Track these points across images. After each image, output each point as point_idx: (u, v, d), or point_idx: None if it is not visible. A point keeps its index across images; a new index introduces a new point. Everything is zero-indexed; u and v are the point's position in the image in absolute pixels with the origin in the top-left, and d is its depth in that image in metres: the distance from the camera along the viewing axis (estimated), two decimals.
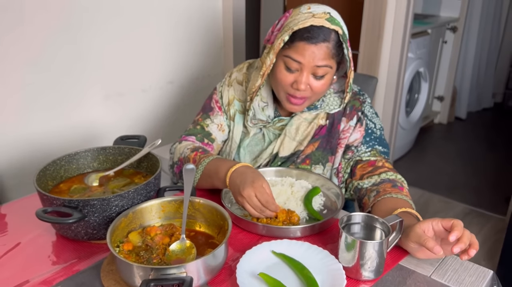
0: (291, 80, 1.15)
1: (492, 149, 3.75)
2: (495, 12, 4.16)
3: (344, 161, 1.25)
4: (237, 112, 1.32)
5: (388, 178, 1.16)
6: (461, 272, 0.94)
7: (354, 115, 1.25)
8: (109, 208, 0.96)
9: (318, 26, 1.09)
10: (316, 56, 1.10)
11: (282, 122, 1.28)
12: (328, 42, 1.10)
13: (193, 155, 1.21)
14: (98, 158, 1.20)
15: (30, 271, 0.94)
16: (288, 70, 1.14)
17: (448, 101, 4.14)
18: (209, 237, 1.01)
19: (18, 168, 1.59)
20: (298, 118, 1.26)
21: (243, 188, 1.03)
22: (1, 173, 1.27)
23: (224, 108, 1.33)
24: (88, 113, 1.79)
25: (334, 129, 1.26)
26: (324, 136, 1.26)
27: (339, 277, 0.89)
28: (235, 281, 0.88)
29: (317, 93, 1.17)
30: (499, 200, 2.90)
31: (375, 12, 2.48)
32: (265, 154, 1.29)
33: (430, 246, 0.85)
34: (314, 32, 1.09)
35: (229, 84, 1.35)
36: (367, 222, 0.97)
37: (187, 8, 2.04)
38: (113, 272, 0.92)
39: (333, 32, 1.11)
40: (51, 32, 1.61)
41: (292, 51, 1.12)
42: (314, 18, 1.10)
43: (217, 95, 1.35)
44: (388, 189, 1.11)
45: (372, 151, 1.23)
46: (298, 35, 1.10)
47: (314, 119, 1.26)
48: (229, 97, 1.33)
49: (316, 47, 1.10)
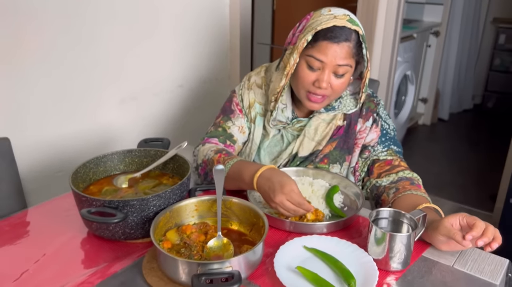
0: (313, 79, 1.20)
1: (474, 148, 3.90)
2: (474, 17, 4.34)
3: (361, 160, 1.32)
4: (257, 114, 1.37)
5: (406, 176, 1.23)
6: (480, 262, 1.01)
7: (370, 116, 1.32)
8: (147, 208, 1.00)
9: (340, 27, 1.15)
10: (338, 55, 1.16)
11: (301, 123, 1.33)
12: (349, 41, 1.16)
13: (217, 157, 1.25)
14: (124, 160, 1.23)
15: (69, 273, 0.95)
16: (310, 69, 1.20)
17: (431, 103, 4.28)
18: (241, 234, 1.06)
19: (38, 171, 1.60)
20: (317, 119, 1.32)
21: (274, 196, 1.07)
22: (22, 177, 1.29)
23: (245, 111, 1.38)
24: (104, 117, 1.83)
25: (351, 129, 1.32)
26: (342, 136, 1.32)
27: (371, 268, 0.94)
28: (273, 275, 0.93)
29: (336, 91, 1.22)
30: (485, 197, 3.03)
31: (367, 17, 2.57)
32: (285, 155, 1.34)
33: (460, 239, 0.92)
34: (336, 32, 1.15)
35: (249, 88, 1.39)
36: (394, 217, 1.03)
37: (196, 15, 2.11)
38: (155, 269, 0.95)
39: (353, 32, 1.17)
40: (70, 39, 1.66)
41: (315, 51, 1.17)
42: (336, 19, 1.16)
43: (237, 98, 1.39)
44: (407, 186, 1.18)
45: (388, 151, 1.29)
46: (321, 35, 1.16)
47: (332, 120, 1.32)
48: (250, 100, 1.38)
49: (339, 46, 1.16)
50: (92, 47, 1.74)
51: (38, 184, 1.60)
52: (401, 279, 0.95)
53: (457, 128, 4.38)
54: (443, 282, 0.95)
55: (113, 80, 1.84)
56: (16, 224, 1.13)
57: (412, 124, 4.19)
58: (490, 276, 0.96)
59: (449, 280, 0.95)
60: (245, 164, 1.20)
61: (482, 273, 0.97)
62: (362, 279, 0.92)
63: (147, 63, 1.96)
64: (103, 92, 1.82)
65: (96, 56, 1.76)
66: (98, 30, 1.74)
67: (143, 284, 0.93)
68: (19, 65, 1.54)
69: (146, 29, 1.92)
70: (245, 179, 1.16)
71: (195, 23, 2.12)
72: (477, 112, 4.80)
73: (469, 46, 4.43)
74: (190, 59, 2.14)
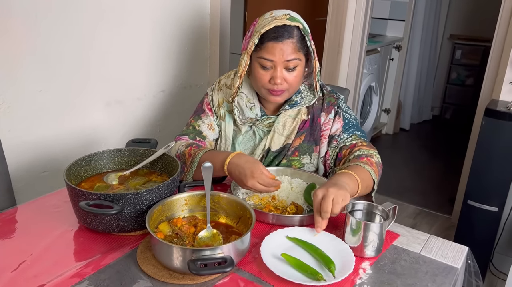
0: (268, 77, 1.32)
1: (433, 156, 4.13)
2: (432, 34, 4.61)
3: (330, 149, 1.43)
4: (226, 112, 1.48)
5: (360, 154, 1.34)
6: (444, 249, 1.13)
7: (332, 109, 1.44)
8: (141, 202, 1.06)
9: (281, 26, 1.28)
10: (284, 52, 1.28)
11: (270, 119, 1.45)
12: (292, 38, 1.29)
13: (188, 150, 1.35)
14: (114, 159, 1.28)
15: (65, 263, 1.00)
16: (264, 68, 1.32)
17: (394, 113, 4.50)
18: (228, 226, 1.13)
19: (24, 170, 1.62)
20: (283, 115, 1.43)
21: (246, 180, 1.19)
22: (10, 176, 1.31)
23: (214, 109, 1.50)
24: (90, 119, 1.89)
25: (315, 122, 1.45)
26: (308, 129, 1.44)
27: (349, 255, 1.04)
28: (260, 263, 1.01)
29: (292, 84, 1.34)
30: (444, 201, 3.22)
31: (335, 30, 2.72)
32: (258, 150, 1.45)
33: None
34: (278, 31, 1.27)
35: (219, 89, 1.51)
36: (368, 209, 1.14)
37: (178, 24, 2.22)
38: (149, 258, 1.01)
39: (295, 28, 1.29)
40: (59, 44, 1.73)
41: (264, 52, 1.30)
42: (277, 20, 1.28)
43: (208, 98, 1.52)
44: (354, 160, 1.30)
45: (352, 136, 1.42)
46: (266, 37, 1.28)
47: (297, 115, 1.44)
48: (219, 100, 1.49)
49: (283, 44, 1.28)
50: (79, 52, 1.81)
51: (24, 183, 1.62)
52: (374, 265, 1.05)
53: (418, 137, 4.61)
54: (412, 266, 1.05)
55: (99, 84, 1.91)
56: (8, 219, 1.16)
57: (376, 133, 4.38)
58: (452, 261, 1.08)
59: (417, 264, 1.06)
60: (214, 153, 1.31)
61: (445, 259, 1.09)
62: (340, 264, 1.02)
63: (132, 69, 2.06)
64: (89, 95, 1.89)
65: (83, 61, 1.83)
66: (86, 37, 1.82)
67: (138, 272, 0.98)
68: (8, 67, 1.59)
69: (131, 37, 2.02)
70: (216, 167, 1.25)
71: (177, 32, 2.22)
72: (436, 122, 5.07)
73: (428, 60, 4.69)
74: (172, 66, 2.25)
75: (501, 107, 2.13)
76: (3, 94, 1.58)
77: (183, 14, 2.22)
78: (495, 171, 2.15)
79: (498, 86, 2.32)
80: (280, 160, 1.44)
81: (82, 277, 0.96)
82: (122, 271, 0.99)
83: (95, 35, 1.84)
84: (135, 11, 1.98)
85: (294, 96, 1.42)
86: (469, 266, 1.14)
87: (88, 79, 1.86)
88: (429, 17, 4.45)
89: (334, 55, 2.76)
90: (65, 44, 1.74)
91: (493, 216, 2.21)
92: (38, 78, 1.68)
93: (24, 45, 1.61)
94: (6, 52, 1.56)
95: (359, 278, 1.00)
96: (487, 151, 2.15)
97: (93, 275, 0.97)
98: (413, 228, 1.22)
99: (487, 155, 2.16)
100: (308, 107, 1.45)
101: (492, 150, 2.13)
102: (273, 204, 1.26)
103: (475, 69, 4.72)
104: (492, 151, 2.13)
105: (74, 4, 1.72)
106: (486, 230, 2.26)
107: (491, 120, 2.10)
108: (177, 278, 0.96)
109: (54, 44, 1.70)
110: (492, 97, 2.38)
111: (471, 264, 1.13)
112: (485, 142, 2.15)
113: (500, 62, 2.37)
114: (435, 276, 1.02)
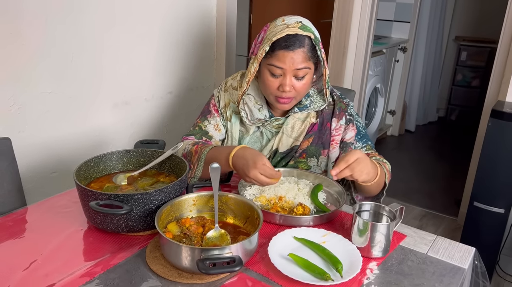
0: (276, 85, 1.33)
1: (439, 158, 4.12)
2: (438, 35, 4.61)
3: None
4: (233, 113, 1.50)
5: (376, 159, 1.38)
6: (451, 250, 1.13)
7: (343, 115, 1.45)
8: (150, 202, 1.07)
9: (293, 35, 1.28)
10: (295, 61, 1.29)
11: (279, 121, 1.46)
12: (303, 47, 1.29)
13: (194, 148, 1.37)
14: (122, 160, 1.29)
15: (75, 263, 1.01)
16: (273, 76, 1.33)
17: (399, 115, 4.49)
18: (236, 227, 1.14)
19: (34, 171, 1.64)
20: (292, 118, 1.45)
21: (248, 171, 1.19)
22: (21, 176, 1.33)
23: (221, 110, 1.51)
24: (98, 120, 1.91)
25: (324, 127, 1.46)
26: (316, 133, 1.45)
27: (356, 255, 1.05)
28: (268, 262, 1.01)
29: (300, 92, 1.35)
30: (450, 203, 3.22)
31: (341, 32, 2.73)
32: (266, 151, 1.46)
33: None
34: (290, 40, 1.28)
35: (225, 90, 1.52)
36: (375, 210, 1.14)
37: (185, 28, 2.25)
38: (158, 258, 1.02)
39: (306, 38, 1.30)
40: (70, 46, 1.76)
41: (274, 59, 1.30)
42: (289, 28, 1.29)
43: (214, 99, 1.53)
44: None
45: (367, 147, 1.44)
46: (277, 45, 1.29)
47: (306, 118, 1.45)
48: (225, 101, 1.51)
49: (294, 53, 1.28)
50: (88, 54, 1.84)
51: (34, 184, 1.65)
52: (382, 265, 1.06)
53: (423, 139, 4.61)
54: (419, 267, 1.06)
55: (108, 86, 1.94)
56: (19, 219, 1.18)
57: (381, 135, 4.38)
58: (459, 261, 1.08)
59: (424, 265, 1.07)
60: (220, 149, 1.33)
61: (452, 259, 1.09)
62: (348, 264, 1.02)
63: (140, 71, 2.09)
64: (98, 97, 1.91)
65: (92, 63, 1.86)
66: (95, 39, 1.85)
67: (147, 271, 0.99)
68: (19, 69, 1.62)
69: (139, 39, 2.05)
70: (221, 161, 1.26)
71: (185, 35, 2.25)
72: (442, 124, 5.06)
73: (433, 62, 4.69)
74: (179, 68, 2.28)
75: (508, 109, 2.13)
76: (14, 96, 1.61)
77: (190, 18, 2.25)
78: (501, 173, 2.15)
79: (504, 87, 2.32)
80: (287, 161, 1.44)
81: (92, 277, 0.97)
82: (131, 270, 1.00)
83: (104, 38, 1.87)
84: (143, 15, 2.01)
85: (304, 99, 1.43)
86: (476, 267, 1.14)
87: (97, 81, 1.89)
88: (434, 18, 4.44)
89: (340, 57, 2.77)
90: (74, 46, 1.77)
91: (500, 217, 2.21)
92: (48, 80, 1.71)
93: (35, 47, 1.64)
94: (17, 54, 1.59)
95: (367, 278, 1.01)
96: (494, 153, 2.15)
97: (103, 274, 0.98)
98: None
99: (494, 156, 2.15)
100: (317, 111, 1.46)
101: (498, 151, 2.13)
102: (280, 205, 1.26)
103: (480, 70, 4.72)
104: (498, 152, 2.13)
105: (84, 8, 1.75)
106: (493, 232, 2.25)
107: (498, 122, 2.10)
108: (186, 277, 0.97)
109: (64, 47, 1.73)
110: (498, 98, 2.38)
111: (478, 265, 1.14)
112: (491, 144, 2.15)
113: (506, 63, 2.37)
114: (442, 277, 1.02)
